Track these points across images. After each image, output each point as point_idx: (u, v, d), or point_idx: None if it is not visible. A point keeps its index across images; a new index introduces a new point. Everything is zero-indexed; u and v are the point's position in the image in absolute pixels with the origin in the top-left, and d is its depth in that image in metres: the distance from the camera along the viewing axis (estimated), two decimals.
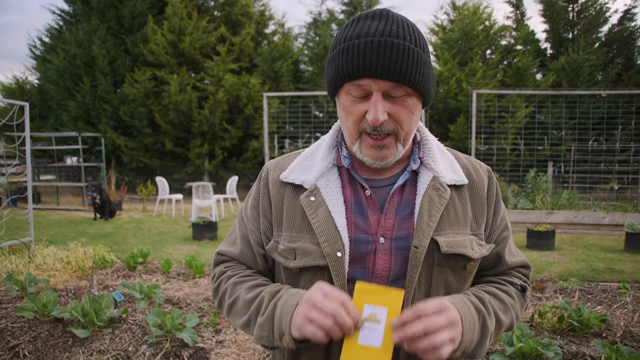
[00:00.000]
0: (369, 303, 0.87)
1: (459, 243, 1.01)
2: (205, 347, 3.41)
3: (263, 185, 1.13)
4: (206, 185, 10.10)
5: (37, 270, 5.18)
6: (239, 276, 1.10)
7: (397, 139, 0.98)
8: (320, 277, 0.99)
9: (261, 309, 0.98)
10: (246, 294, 1.03)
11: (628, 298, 4.66)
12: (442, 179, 1.04)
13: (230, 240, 1.18)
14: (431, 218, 0.99)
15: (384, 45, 0.91)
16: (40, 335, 3.58)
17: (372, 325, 0.86)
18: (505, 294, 1.08)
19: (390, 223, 1.01)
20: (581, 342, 3.50)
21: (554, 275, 5.66)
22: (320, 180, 1.05)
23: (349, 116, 0.98)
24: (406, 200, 1.04)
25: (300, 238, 1.03)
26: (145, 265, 5.82)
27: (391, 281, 1.00)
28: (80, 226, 9.60)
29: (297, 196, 1.06)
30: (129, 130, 16.60)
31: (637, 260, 6.49)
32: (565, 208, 9.24)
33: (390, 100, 0.94)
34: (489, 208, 1.11)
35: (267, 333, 0.95)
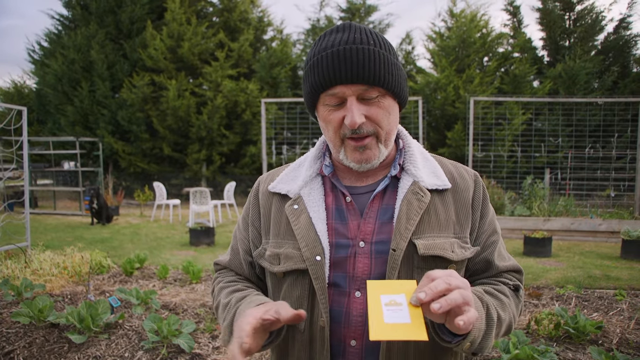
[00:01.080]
0: (384, 293, 0.86)
1: (437, 245, 1.02)
2: (202, 353, 3.40)
3: (254, 197, 1.21)
4: (204, 190, 10.10)
5: (34, 275, 5.16)
6: (224, 282, 1.18)
7: (378, 139, 1.02)
8: (302, 280, 1.03)
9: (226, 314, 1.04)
10: (224, 299, 1.09)
11: (624, 305, 4.66)
12: (422, 183, 1.06)
13: (227, 251, 1.28)
14: (409, 221, 1.01)
15: (349, 51, 0.96)
16: (35, 341, 3.57)
17: (394, 308, 0.85)
18: (499, 293, 1.08)
19: (370, 227, 1.04)
20: (577, 349, 3.50)
21: (551, 282, 5.67)
22: (303, 189, 1.11)
23: (329, 125, 1.03)
24: (386, 205, 1.07)
25: (284, 244, 1.07)
26: (142, 270, 5.81)
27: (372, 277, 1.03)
28: (77, 231, 9.57)
29: (283, 205, 1.12)
30: (126, 135, 16.59)
31: (634, 267, 6.51)
32: (562, 215, 9.27)
33: (366, 103, 0.99)
34: (475, 212, 1.11)
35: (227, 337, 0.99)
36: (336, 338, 1.02)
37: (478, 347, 0.92)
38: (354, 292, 1.02)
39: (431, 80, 14.87)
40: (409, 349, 1.01)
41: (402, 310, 0.84)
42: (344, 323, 1.01)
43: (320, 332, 1.01)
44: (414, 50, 18.33)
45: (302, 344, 1.05)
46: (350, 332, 1.01)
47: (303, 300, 1.03)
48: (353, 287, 1.02)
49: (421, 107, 9.63)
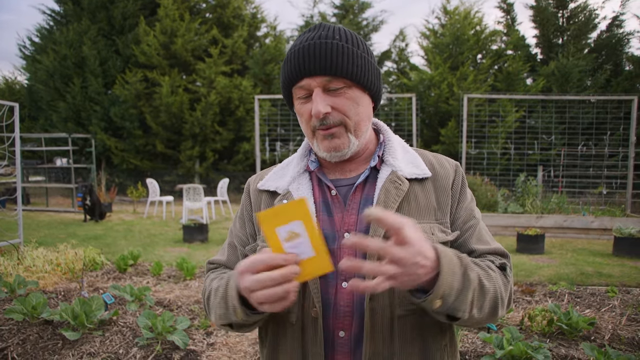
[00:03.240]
0: (278, 225, 0.84)
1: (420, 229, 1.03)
2: (196, 349, 3.39)
3: (245, 196, 1.24)
4: (197, 187, 10.07)
5: (27, 272, 5.13)
6: (216, 273, 1.18)
7: (347, 129, 1.05)
8: None
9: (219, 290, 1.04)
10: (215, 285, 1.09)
11: (616, 301, 4.71)
12: (400, 172, 1.09)
13: (220, 252, 1.28)
14: (387, 208, 1.03)
15: (314, 46, 1.00)
16: (29, 338, 3.55)
17: (296, 241, 0.84)
18: (485, 266, 1.04)
19: (352, 219, 1.07)
20: (570, 345, 3.53)
21: (544, 278, 5.70)
22: (292, 184, 1.14)
23: (302, 118, 1.08)
24: (367, 195, 1.09)
25: None
26: (136, 267, 5.79)
27: (357, 274, 1.02)
28: (70, 228, 9.52)
29: (272, 201, 1.15)
30: (119, 132, 16.50)
31: (625, 264, 6.57)
32: (554, 212, 9.33)
33: (332, 94, 1.02)
34: (454, 198, 1.14)
35: (223, 310, 1.00)
36: (325, 329, 1.04)
37: (451, 306, 0.91)
38: (341, 282, 1.03)
39: (425, 77, 14.89)
40: (394, 333, 1.02)
41: (302, 242, 0.84)
42: (332, 314, 1.03)
43: (313, 323, 1.03)
44: (407, 47, 18.39)
45: (294, 335, 1.06)
46: (339, 323, 1.03)
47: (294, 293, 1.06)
48: (340, 278, 1.04)
49: (415, 105, 9.65)
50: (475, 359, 3.23)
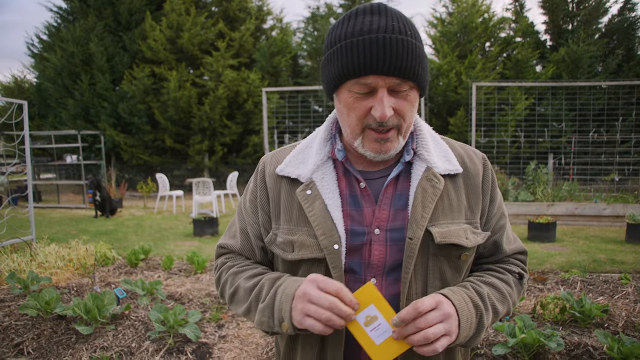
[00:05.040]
0: (356, 313, 0.91)
1: (452, 233, 1.02)
2: (208, 342, 3.41)
3: (260, 179, 1.15)
4: (206, 181, 10.10)
5: (39, 268, 5.19)
6: (238, 266, 1.13)
7: (399, 132, 0.99)
8: (317, 268, 1.02)
9: (261, 295, 1.01)
10: (246, 283, 1.06)
11: (629, 288, 4.66)
12: (435, 169, 1.05)
13: (230, 233, 1.22)
14: (425, 209, 1.00)
15: (389, 42, 0.91)
16: (43, 333, 3.59)
17: (374, 324, 0.91)
18: (503, 283, 1.10)
19: (384, 215, 1.03)
20: (583, 333, 3.50)
21: (555, 266, 5.66)
22: (315, 173, 1.06)
23: (352, 112, 0.98)
24: (400, 191, 1.05)
25: (297, 231, 1.04)
26: (147, 261, 5.83)
27: (387, 271, 1.01)
28: (81, 224, 9.61)
29: (293, 189, 1.07)
30: (128, 128, 16.58)
31: (638, 251, 6.49)
32: (566, 200, 9.24)
33: (395, 95, 0.95)
34: (485, 196, 1.11)
35: (267, 319, 0.98)
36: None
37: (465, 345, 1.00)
38: (369, 279, 1.01)
39: (433, 66, 14.78)
40: None
41: (381, 323, 0.91)
42: None
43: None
44: None
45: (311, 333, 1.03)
46: None
47: None
48: (369, 274, 1.01)
49: None
50: (488, 347, 3.22)
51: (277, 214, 1.10)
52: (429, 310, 0.90)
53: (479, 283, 1.07)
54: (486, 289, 1.05)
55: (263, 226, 1.13)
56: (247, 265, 1.14)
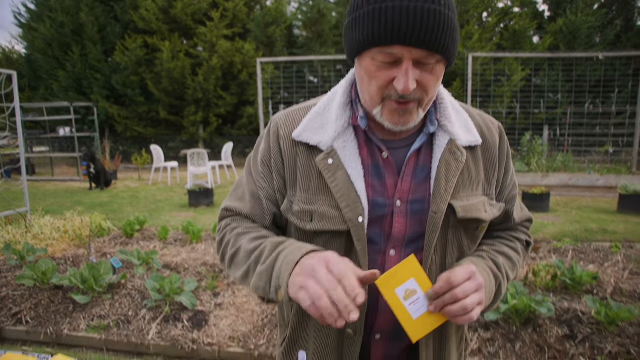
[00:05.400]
0: (396, 286, 0.90)
1: (473, 207, 1.02)
2: (205, 310, 3.46)
3: (274, 140, 1.06)
4: (201, 152, 10.07)
5: (35, 240, 5.20)
6: (243, 228, 1.07)
7: (419, 105, 0.94)
8: (338, 240, 0.99)
9: (261, 258, 0.96)
10: (248, 245, 1.01)
11: (619, 257, 4.73)
12: (458, 141, 1.01)
13: (237, 196, 1.14)
14: (448, 183, 0.99)
15: (420, 11, 0.84)
16: (41, 303, 3.63)
17: (413, 298, 0.91)
18: (513, 252, 1.12)
19: (406, 186, 1.00)
20: (573, 299, 3.57)
21: (549, 236, 5.72)
22: (337, 141, 1.00)
23: (374, 81, 0.92)
24: (423, 163, 1.02)
25: (316, 201, 1.00)
26: (143, 232, 5.85)
27: (406, 243, 1.00)
28: (76, 196, 9.59)
29: (312, 157, 1.02)
30: (121, 100, 16.40)
31: (630, 221, 6.57)
32: (560, 171, 9.29)
33: (420, 68, 0.89)
34: (500, 167, 1.10)
35: (264, 284, 0.93)
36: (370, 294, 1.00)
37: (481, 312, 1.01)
38: (389, 250, 1.00)
39: None
40: None
41: (419, 298, 0.91)
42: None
43: None
44: None
45: None
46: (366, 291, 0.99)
47: None
48: (389, 246, 1.00)
49: None
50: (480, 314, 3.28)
51: (293, 181, 1.04)
52: (463, 281, 0.91)
53: (494, 253, 1.08)
54: (501, 259, 1.06)
55: (279, 191, 1.07)
56: (252, 227, 1.07)
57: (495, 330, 3.11)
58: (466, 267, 0.93)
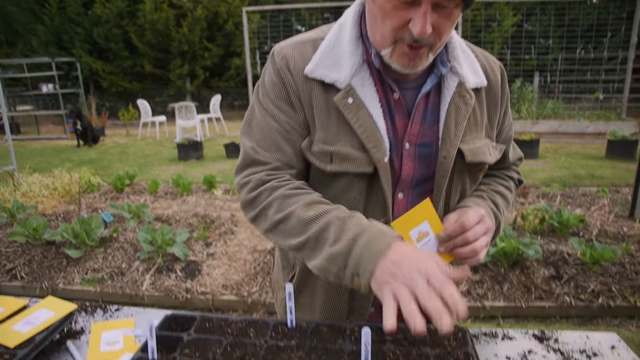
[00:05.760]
0: (411, 229, 0.90)
1: (479, 150, 1.01)
2: (197, 259, 3.49)
3: (285, 74, 0.97)
4: (189, 105, 9.92)
5: (24, 197, 5.16)
6: (287, 188, 0.95)
7: (430, 49, 0.89)
8: (360, 182, 0.96)
9: (327, 236, 0.86)
10: (303, 212, 0.90)
11: (605, 201, 4.81)
12: (467, 84, 0.98)
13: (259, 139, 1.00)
14: (458, 127, 0.96)
15: None
16: (34, 258, 3.64)
17: (425, 240, 0.92)
18: (508, 191, 1.13)
19: (416, 129, 0.97)
20: (560, 241, 3.65)
21: (537, 182, 5.78)
22: (354, 78, 0.94)
23: (388, 20, 0.86)
24: (432, 106, 0.98)
25: (336, 141, 0.95)
26: (133, 187, 5.83)
27: (413, 186, 0.99)
28: (64, 154, 9.48)
29: (329, 95, 0.95)
30: (105, 54, 15.95)
31: (617, 167, 6.64)
32: (550, 118, 9.29)
33: (438, 11, 0.83)
34: (501, 108, 1.07)
35: (337, 269, 0.83)
36: None
37: None
38: (398, 193, 0.99)
39: None
40: None
41: (430, 240, 0.92)
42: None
43: None
44: None
45: None
46: None
47: (359, 202, 0.97)
48: (397, 189, 0.98)
49: None
50: None
51: (310, 119, 0.97)
52: (474, 225, 0.91)
53: (492, 193, 1.08)
54: (499, 199, 1.07)
55: (302, 126, 0.98)
56: (298, 188, 0.96)
57: (484, 273, 3.19)
58: (476, 211, 0.93)
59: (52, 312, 1.00)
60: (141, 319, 1.07)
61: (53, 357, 0.93)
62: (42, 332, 0.92)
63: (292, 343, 0.82)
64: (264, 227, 0.97)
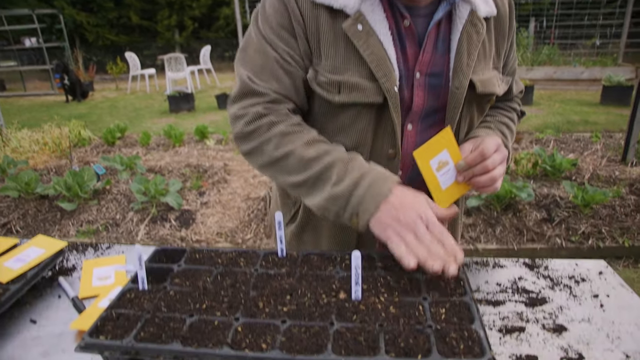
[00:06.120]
0: (431, 158, 0.91)
1: (489, 81, 0.98)
2: (191, 209, 3.50)
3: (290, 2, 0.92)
4: (178, 56, 9.71)
5: (14, 153, 5.11)
6: (286, 124, 0.92)
7: None
8: (368, 113, 0.93)
9: (330, 176, 0.85)
10: (304, 151, 0.88)
11: (598, 145, 4.82)
12: (479, 12, 0.94)
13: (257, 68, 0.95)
14: (470, 57, 0.93)
15: None
16: (28, 212, 3.64)
17: (444, 169, 0.92)
18: (512, 122, 1.13)
19: (427, 58, 0.93)
20: (552, 185, 3.67)
21: (531, 128, 5.77)
22: (363, 4, 0.89)
23: None
24: (443, 35, 0.94)
25: (345, 70, 0.91)
26: (124, 140, 5.78)
27: (422, 117, 0.97)
28: (53, 110, 9.32)
29: (336, 22, 0.91)
30: (89, 5, 15.43)
31: (611, 112, 6.62)
32: (545, 64, 9.17)
33: None
34: (508, 39, 1.04)
35: (337, 208, 0.85)
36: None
37: None
38: (407, 124, 0.96)
39: None
40: None
41: (450, 169, 0.93)
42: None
43: (387, 164, 0.95)
44: None
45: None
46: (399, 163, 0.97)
47: (367, 133, 0.94)
48: (407, 119, 0.95)
49: None
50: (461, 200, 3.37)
51: (316, 48, 0.93)
52: (493, 153, 0.91)
53: (499, 124, 1.08)
54: (505, 130, 1.08)
55: (305, 56, 0.94)
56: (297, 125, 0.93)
57: (477, 216, 3.22)
58: (494, 139, 0.93)
59: (42, 249, 1.00)
60: (132, 255, 1.07)
61: (45, 293, 0.93)
62: (33, 268, 0.93)
63: (283, 271, 0.82)
64: (260, 162, 0.94)
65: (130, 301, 0.75)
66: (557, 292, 0.90)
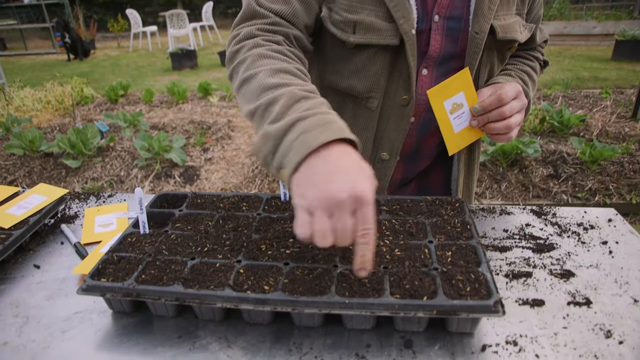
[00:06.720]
0: (446, 99, 0.88)
1: (511, 27, 0.93)
2: (195, 165, 3.50)
3: None
4: (180, 13, 9.51)
5: (17, 112, 5.09)
6: (267, 48, 0.82)
7: None
8: (383, 55, 0.89)
9: (272, 111, 0.70)
10: (266, 78, 0.76)
11: (608, 102, 4.73)
12: None
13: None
14: (492, 1, 0.88)
15: None
16: (34, 170, 3.65)
17: (458, 112, 0.90)
18: (534, 72, 1.08)
19: (446, 1, 0.88)
20: (560, 141, 3.62)
21: (539, 84, 5.65)
22: None
23: None
24: None
25: (361, 10, 0.87)
26: (127, 97, 5.73)
27: (439, 63, 0.93)
28: (55, 68, 9.21)
29: None
30: None
31: (623, 68, 6.47)
32: (555, 19, 8.91)
33: None
34: None
35: (266, 151, 0.67)
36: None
37: None
38: (422, 70, 0.92)
39: None
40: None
41: (464, 112, 0.90)
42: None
43: (399, 110, 0.93)
44: None
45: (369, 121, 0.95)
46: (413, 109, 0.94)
47: (381, 76, 0.91)
48: (422, 64, 0.92)
49: None
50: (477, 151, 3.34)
51: None
52: (511, 99, 0.87)
53: (520, 72, 1.04)
54: (527, 78, 1.03)
55: None
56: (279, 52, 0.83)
57: (482, 172, 3.20)
58: (514, 85, 0.89)
59: (44, 197, 0.99)
60: (134, 203, 1.07)
61: (49, 240, 0.93)
62: (35, 214, 0.92)
63: (286, 215, 0.81)
64: (234, 86, 0.83)
65: (131, 245, 0.74)
66: (565, 239, 0.88)
